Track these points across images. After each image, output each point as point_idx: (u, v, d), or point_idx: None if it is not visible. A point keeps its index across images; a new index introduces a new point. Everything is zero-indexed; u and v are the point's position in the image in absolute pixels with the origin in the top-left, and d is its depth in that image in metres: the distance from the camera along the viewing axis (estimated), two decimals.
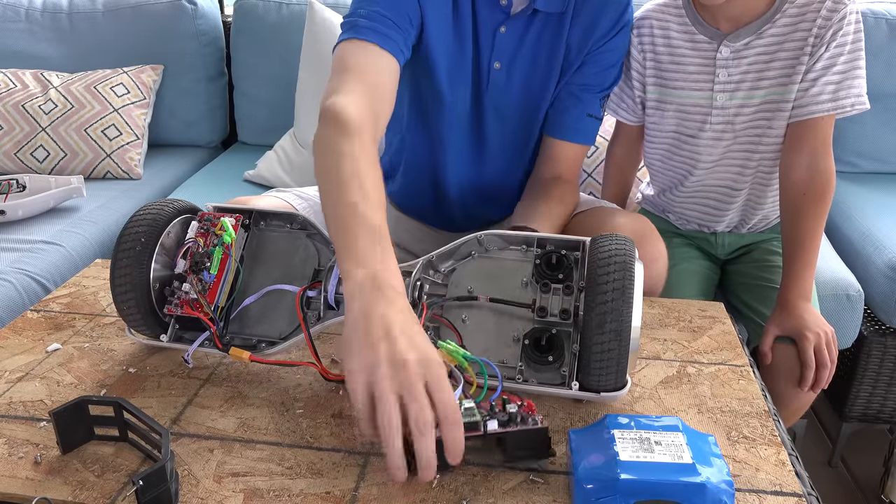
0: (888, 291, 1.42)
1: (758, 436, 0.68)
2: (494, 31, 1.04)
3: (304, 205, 1.11)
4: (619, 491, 0.55)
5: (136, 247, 0.74)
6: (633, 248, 0.68)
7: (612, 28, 1.05)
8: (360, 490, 0.61)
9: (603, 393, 0.68)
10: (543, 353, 0.69)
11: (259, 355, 0.73)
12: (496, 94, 1.07)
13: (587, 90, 1.08)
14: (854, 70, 1.09)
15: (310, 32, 1.82)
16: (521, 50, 1.05)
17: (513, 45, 1.05)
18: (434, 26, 1.01)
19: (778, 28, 1.10)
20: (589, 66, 1.07)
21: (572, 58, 1.06)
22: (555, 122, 1.10)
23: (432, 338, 0.70)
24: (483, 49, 1.05)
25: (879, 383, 1.52)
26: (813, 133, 1.11)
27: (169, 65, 2.00)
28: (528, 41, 1.05)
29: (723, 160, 1.20)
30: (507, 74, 1.06)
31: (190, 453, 0.65)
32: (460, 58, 1.05)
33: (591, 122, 1.09)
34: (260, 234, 0.81)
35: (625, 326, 0.64)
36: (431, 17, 1.00)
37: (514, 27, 1.04)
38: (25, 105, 1.81)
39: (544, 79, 1.07)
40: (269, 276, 0.78)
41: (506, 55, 1.05)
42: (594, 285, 0.66)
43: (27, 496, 0.60)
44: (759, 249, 1.30)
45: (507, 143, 1.12)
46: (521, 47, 1.05)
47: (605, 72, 1.08)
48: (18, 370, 0.78)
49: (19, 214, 1.53)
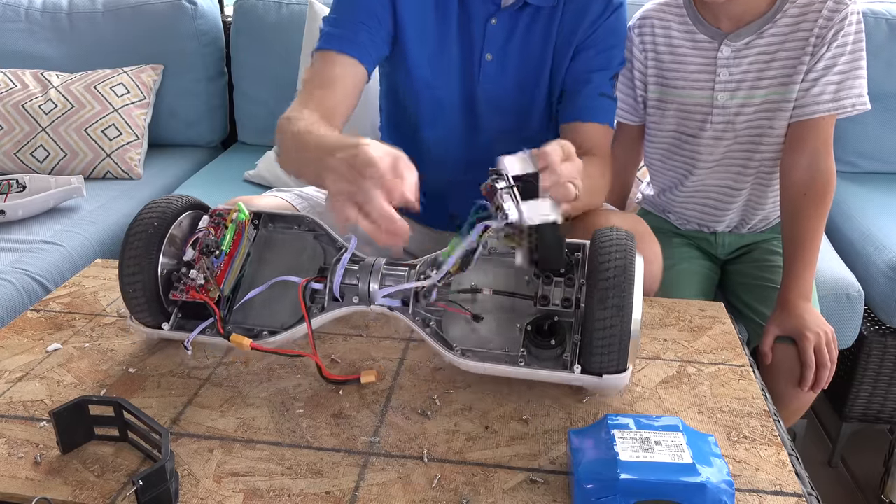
0: (888, 291, 1.42)
1: (758, 436, 0.68)
2: (485, 22, 1.04)
3: (305, 204, 1.11)
4: (619, 491, 0.55)
5: (149, 230, 0.75)
6: (633, 239, 0.69)
7: (603, 12, 1.04)
8: (360, 490, 0.61)
9: (605, 376, 0.67)
10: (545, 338, 0.69)
11: (260, 343, 0.73)
12: (489, 86, 1.08)
13: (593, 72, 1.06)
14: (855, 70, 1.09)
15: (310, 32, 1.82)
16: (512, 41, 1.05)
17: (504, 36, 1.05)
18: (410, 21, 1.03)
19: (779, 28, 1.10)
20: (588, 51, 1.05)
21: (565, 48, 1.05)
22: (567, 108, 1.07)
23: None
24: (475, 41, 1.05)
25: (879, 383, 1.52)
26: (814, 133, 1.11)
27: (169, 65, 2.00)
28: (519, 33, 1.05)
29: (723, 160, 1.20)
30: (500, 66, 1.06)
31: (190, 453, 0.65)
32: (443, 50, 1.06)
33: (604, 100, 1.06)
34: (268, 235, 0.82)
35: (626, 303, 0.64)
36: (407, 12, 1.03)
37: (504, 19, 1.04)
38: (25, 105, 1.81)
39: (537, 69, 1.07)
40: (274, 272, 0.78)
41: (497, 47, 1.05)
42: (596, 265, 0.66)
43: (27, 496, 0.60)
44: (760, 249, 1.30)
45: (503, 135, 1.12)
46: (512, 39, 1.05)
47: (605, 53, 1.06)
48: (18, 370, 0.78)
49: (19, 214, 1.53)
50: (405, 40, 1.06)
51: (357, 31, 1.02)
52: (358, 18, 1.02)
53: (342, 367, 0.79)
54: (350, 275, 0.73)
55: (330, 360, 0.80)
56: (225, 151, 2.10)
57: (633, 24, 1.21)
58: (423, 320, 0.72)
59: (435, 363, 0.79)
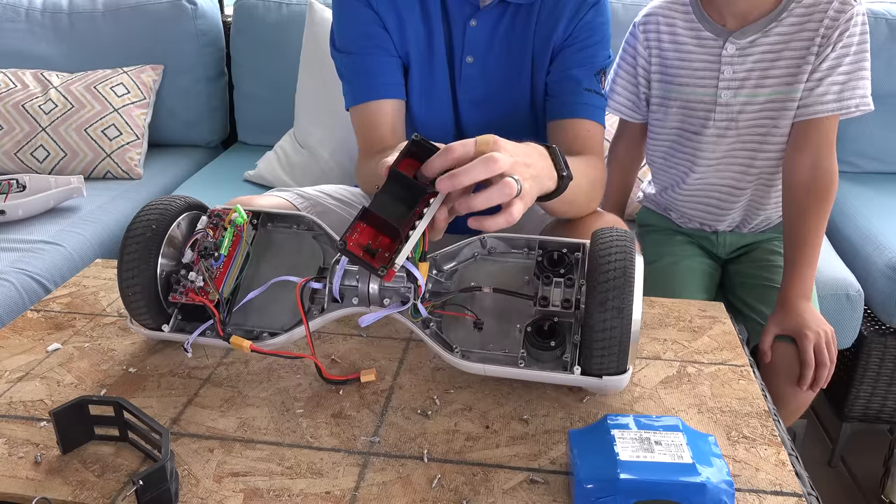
0: (888, 291, 1.42)
1: (758, 436, 0.68)
2: (465, 24, 1.04)
3: (306, 204, 1.11)
4: (619, 491, 0.55)
5: (147, 233, 0.74)
6: (633, 240, 0.69)
7: (580, 9, 1.02)
8: (360, 490, 0.61)
9: (605, 377, 0.67)
10: (545, 339, 0.69)
11: (259, 345, 0.73)
12: (470, 88, 1.07)
13: (575, 69, 1.03)
14: (859, 71, 1.09)
15: (310, 32, 1.82)
16: (493, 42, 1.05)
17: (484, 37, 1.04)
18: (399, 28, 1.04)
19: (784, 27, 1.10)
20: (568, 48, 1.04)
21: (543, 45, 1.04)
22: (554, 106, 1.06)
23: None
24: (455, 44, 1.05)
25: (879, 383, 1.52)
26: (817, 133, 1.11)
27: (169, 65, 2.00)
28: (499, 33, 1.04)
29: (726, 158, 1.20)
30: (481, 68, 1.06)
31: (190, 453, 0.65)
32: (431, 56, 1.06)
33: (590, 96, 1.03)
34: (267, 234, 0.82)
35: (626, 304, 0.64)
36: (395, 22, 1.03)
37: (484, 20, 1.03)
38: (25, 105, 1.81)
39: (518, 68, 1.06)
40: (274, 273, 0.78)
41: (478, 49, 1.05)
42: (596, 267, 0.66)
43: (27, 496, 0.60)
44: (760, 249, 1.30)
45: (488, 132, 1.11)
46: (493, 39, 1.04)
47: (587, 50, 1.03)
48: (18, 370, 0.78)
49: (19, 214, 1.53)
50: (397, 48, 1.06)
51: (373, 70, 1.04)
52: (366, 49, 1.04)
53: (342, 367, 0.79)
54: (349, 276, 0.73)
55: (330, 360, 0.80)
56: (225, 151, 2.10)
57: (639, 20, 1.21)
58: (423, 321, 0.72)
59: (435, 363, 0.79)
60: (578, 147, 1.02)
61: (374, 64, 1.04)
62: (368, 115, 1.05)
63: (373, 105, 1.04)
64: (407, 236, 0.64)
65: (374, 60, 1.04)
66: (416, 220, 0.64)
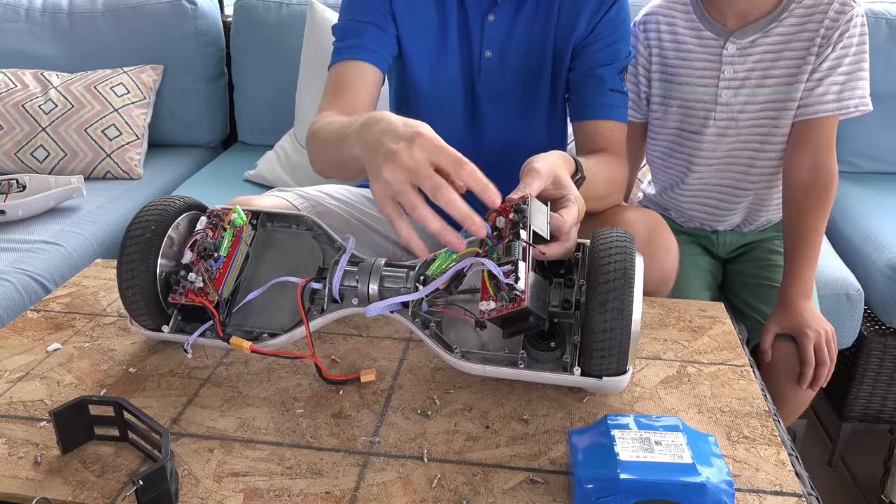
0: (888, 291, 1.42)
1: (758, 436, 0.68)
2: (483, 19, 1.04)
3: (306, 204, 1.11)
4: (619, 491, 0.55)
5: (146, 234, 0.74)
6: (633, 240, 0.69)
7: (602, 5, 1.03)
8: (360, 490, 0.61)
9: (605, 378, 0.67)
10: (545, 340, 0.69)
11: (259, 346, 0.73)
12: (490, 81, 1.08)
13: (600, 68, 1.04)
14: (858, 72, 1.10)
15: (310, 32, 1.82)
16: (512, 37, 1.05)
17: (503, 32, 1.05)
18: (408, 20, 1.04)
19: (785, 27, 1.11)
20: (592, 46, 1.04)
21: (565, 40, 1.05)
22: (578, 106, 1.06)
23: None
24: (473, 38, 1.05)
25: (879, 383, 1.52)
26: (817, 132, 1.12)
27: (169, 65, 2.00)
28: (518, 27, 1.05)
29: (726, 158, 1.21)
30: (500, 62, 1.06)
31: (190, 453, 0.65)
32: (444, 49, 1.06)
33: (614, 96, 1.04)
34: (266, 234, 0.82)
35: (626, 305, 0.64)
36: (403, 12, 1.04)
37: (502, 15, 1.04)
38: (25, 105, 1.81)
39: (538, 63, 1.07)
40: (273, 274, 0.78)
41: (496, 43, 1.05)
42: (596, 267, 0.66)
43: (27, 496, 0.60)
44: (761, 248, 1.30)
45: (507, 129, 1.12)
46: (511, 34, 1.05)
47: (610, 47, 1.04)
48: (18, 370, 0.78)
49: (19, 214, 1.53)
50: (404, 39, 1.06)
51: (363, 35, 1.03)
52: (363, 20, 1.03)
53: (342, 367, 0.79)
54: (349, 276, 0.73)
55: (330, 361, 0.80)
56: (225, 151, 2.10)
57: (639, 20, 1.21)
58: (422, 322, 0.72)
59: (435, 363, 0.79)
60: (601, 146, 1.03)
61: (366, 32, 1.04)
62: (346, 72, 1.03)
63: (353, 64, 1.03)
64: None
65: (368, 30, 1.04)
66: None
